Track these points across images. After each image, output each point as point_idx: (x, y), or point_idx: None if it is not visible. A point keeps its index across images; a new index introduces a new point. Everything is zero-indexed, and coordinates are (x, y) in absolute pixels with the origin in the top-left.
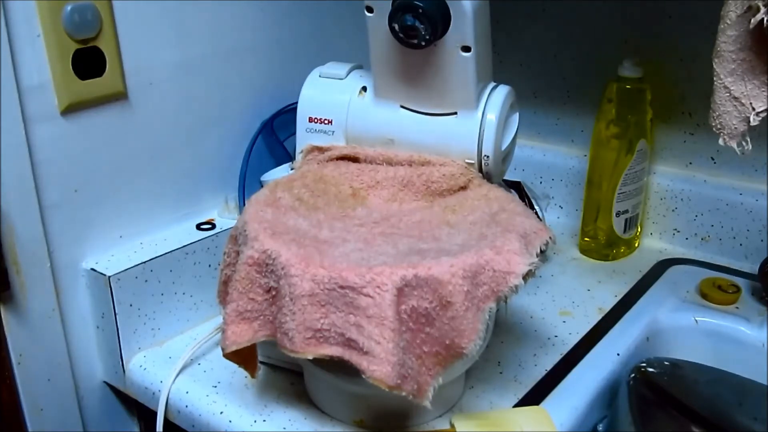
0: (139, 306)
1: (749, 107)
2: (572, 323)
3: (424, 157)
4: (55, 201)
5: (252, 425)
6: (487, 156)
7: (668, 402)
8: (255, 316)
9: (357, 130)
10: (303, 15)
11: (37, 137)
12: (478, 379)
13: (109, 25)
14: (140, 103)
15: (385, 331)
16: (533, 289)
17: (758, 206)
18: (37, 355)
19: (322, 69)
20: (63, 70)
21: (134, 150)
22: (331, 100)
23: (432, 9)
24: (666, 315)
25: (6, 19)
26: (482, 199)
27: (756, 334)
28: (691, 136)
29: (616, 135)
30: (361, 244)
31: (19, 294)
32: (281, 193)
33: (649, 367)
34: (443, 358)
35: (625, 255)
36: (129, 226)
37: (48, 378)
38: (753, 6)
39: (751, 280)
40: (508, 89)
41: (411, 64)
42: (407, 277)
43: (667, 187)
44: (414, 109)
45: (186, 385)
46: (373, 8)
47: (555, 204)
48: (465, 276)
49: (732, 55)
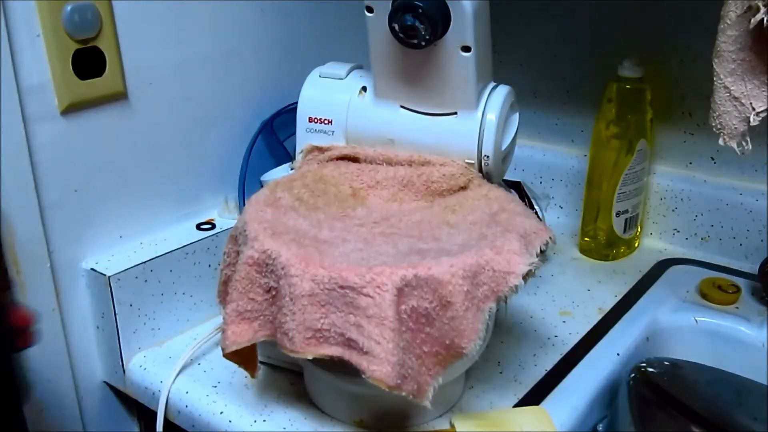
0: (139, 306)
1: (749, 107)
2: (572, 323)
3: (424, 157)
4: (55, 201)
5: (252, 425)
6: (487, 156)
7: (668, 402)
8: (255, 316)
9: (357, 130)
10: (303, 15)
11: (37, 137)
12: (478, 379)
13: (109, 25)
14: (140, 103)
15: (385, 331)
16: (533, 289)
17: (758, 206)
18: (37, 355)
19: (322, 69)
20: (63, 70)
21: (134, 150)
22: (331, 100)
23: (432, 9)
24: (666, 315)
25: (6, 19)
26: (482, 199)
27: (756, 334)
28: (691, 136)
29: (616, 135)
30: (361, 244)
31: (19, 294)
32: (281, 193)
33: (649, 367)
34: (443, 358)
35: (625, 255)
36: (129, 226)
37: (48, 378)
38: (753, 6)
39: (751, 280)
40: (508, 89)
41: (411, 64)
42: (407, 277)
43: (667, 187)
44: (414, 109)
45: (186, 385)
46: (373, 8)
47: (555, 204)
48: (465, 276)
49: (732, 55)
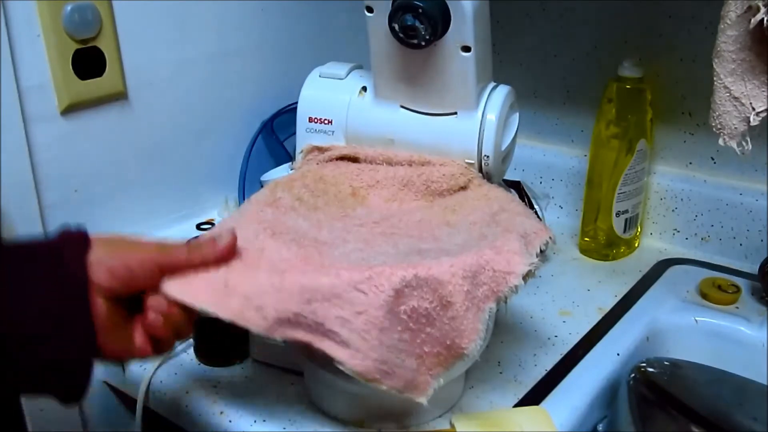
0: None
1: (749, 107)
2: (572, 323)
3: (424, 157)
4: (55, 201)
5: (252, 425)
6: (487, 156)
7: (668, 402)
8: None
9: (357, 130)
10: (303, 15)
11: (37, 137)
12: (478, 379)
13: (109, 25)
14: (140, 103)
15: (373, 330)
16: (533, 289)
17: (758, 206)
18: None
19: (322, 69)
20: (63, 70)
21: (134, 150)
22: (331, 100)
23: (432, 9)
24: (666, 315)
25: (6, 19)
26: (482, 199)
27: (756, 334)
28: (691, 136)
29: (616, 135)
30: (361, 244)
31: None
32: (281, 193)
33: (649, 367)
34: (444, 359)
35: (625, 255)
36: (129, 226)
37: None
38: (753, 6)
39: (751, 280)
40: (508, 89)
41: (411, 64)
42: (407, 277)
43: (667, 187)
44: (414, 109)
45: (186, 385)
46: (373, 8)
47: (555, 204)
48: (465, 276)
49: (732, 55)
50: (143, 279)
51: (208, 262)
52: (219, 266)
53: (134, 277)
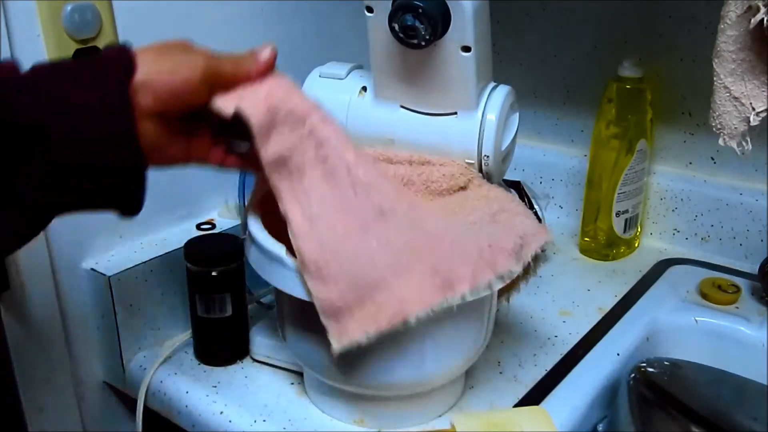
0: (139, 306)
1: (749, 107)
2: (572, 323)
3: (424, 157)
4: None
5: (252, 425)
6: (487, 156)
7: (668, 402)
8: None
9: (357, 130)
10: (303, 15)
11: None
12: (478, 379)
13: (109, 25)
14: None
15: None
16: (533, 289)
17: (758, 206)
18: (37, 355)
19: (322, 69)
20: None
21: None
22: (331, 100)
23: (432, 9)
24: (666, 315)
25: (6, 19)
26: (482, 199)
27: (756, 334)
28: (691, 136)
29: (616, 135)
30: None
31: (19, 294)
32: None
33: (649, 367)
34: (384, 318)
35: (625, 255)
36: (129, 226)
37: (48, 378)
38: (753, 6)
39: (751, 280)
40: (508, 89)
41: (411, 64)
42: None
43: (667, 187)
44: (414, 109)
45: (186, 385)
46: (373, 8)
47: (555, 204)
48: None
49: (732, 55)
50: (189, 99)
51: (251, 76)
52: (262, 79)
53: (181, 98)
